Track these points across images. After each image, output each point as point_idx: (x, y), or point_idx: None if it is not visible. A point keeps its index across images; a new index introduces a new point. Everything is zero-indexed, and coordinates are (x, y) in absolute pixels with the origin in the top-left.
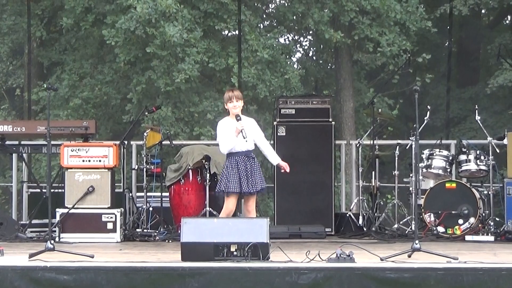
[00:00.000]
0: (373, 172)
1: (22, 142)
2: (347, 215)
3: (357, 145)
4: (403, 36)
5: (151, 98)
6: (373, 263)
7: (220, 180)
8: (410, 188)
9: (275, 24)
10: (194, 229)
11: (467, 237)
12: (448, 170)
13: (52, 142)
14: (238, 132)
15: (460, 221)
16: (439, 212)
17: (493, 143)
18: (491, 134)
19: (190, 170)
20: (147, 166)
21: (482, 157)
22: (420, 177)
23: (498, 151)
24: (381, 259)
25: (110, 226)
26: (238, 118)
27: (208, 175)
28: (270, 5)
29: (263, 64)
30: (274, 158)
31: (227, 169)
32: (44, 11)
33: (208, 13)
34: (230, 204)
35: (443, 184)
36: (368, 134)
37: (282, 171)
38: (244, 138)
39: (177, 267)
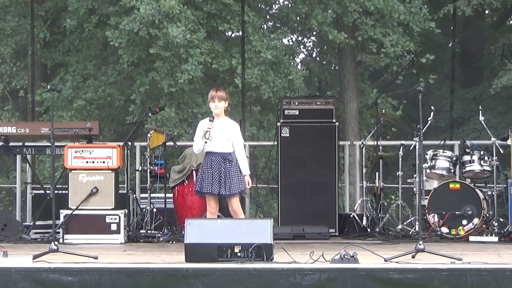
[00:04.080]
0: (376, 173)
1: (26, 144)
2: (351, 216)
3: (361, 146)
4: (407, 37)
5: (155, 99)
6: (377, 264)
7: (196, 180)
8: (414, 189)
9: (278, 25)
10: (197, 230)
11: (471, 238)
12: (452, 170)
13: (56, 144)
14: (203, 133)
15: (464, 221)
16: (443, 212)
17: (497, 144)
18: (495, 134)
19: (193, 171)
20: (151, 167)
21: (486, 158)
22: (424, 178)
23: (502, 151)
24: (385, 260)
25: (114, 227)
26: (211, 119)
27: None
28: (273, 6)
29: (267, 65)
30: (243, 168)
31: (202, 169)
32: (47, 12)
33: (211, 14)
34: (210, 204)
35: (447, 185)
36: (371, 135)
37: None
38: (205, 139)
39: (181, 268)
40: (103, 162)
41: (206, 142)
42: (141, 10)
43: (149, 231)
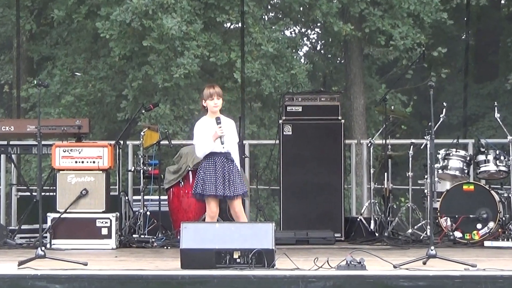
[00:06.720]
0: (385, 174)
1: (11, 142)
2: (358, 219)
3: (368, 145)
4: (417, 29)
5: (148, 95)
6: (386, 270)
7: (196, 181)
8: (425, 191)
9: (280, 16)
10: (194, 235)
11: (486, 243)
12: (466, 171)
13: (43, 142)
14: (216, 138)
15: (479, 225)
16: (456, 216)
17: None
18: (511, 132)
19: (190, 172)
20: (144, 168)
21: (502, 157)
22: (436, 179)
23: None
24: (394, 267)
25: (104, 231)
26: (218, 121)
27: None
28: None
29: (268, 58)
30: None
31: (204, 170)
32: (34, 2)
33: (208, 4)
34: (211, 207)
35: (460, 186)
36: (380, 133)
37: None
38: (221, 144)
39: (176, 275)
40: (93, 162)
41: (224, 147)
42: (134, 0)
43: (142, 236)
